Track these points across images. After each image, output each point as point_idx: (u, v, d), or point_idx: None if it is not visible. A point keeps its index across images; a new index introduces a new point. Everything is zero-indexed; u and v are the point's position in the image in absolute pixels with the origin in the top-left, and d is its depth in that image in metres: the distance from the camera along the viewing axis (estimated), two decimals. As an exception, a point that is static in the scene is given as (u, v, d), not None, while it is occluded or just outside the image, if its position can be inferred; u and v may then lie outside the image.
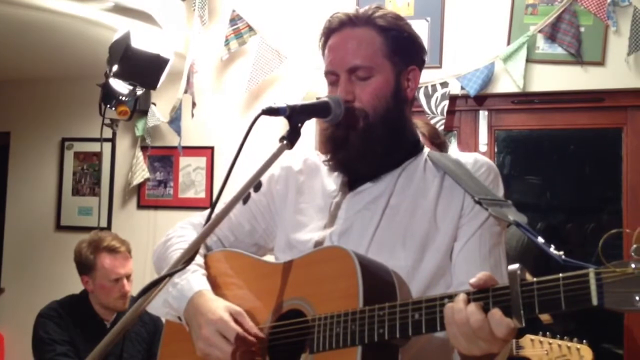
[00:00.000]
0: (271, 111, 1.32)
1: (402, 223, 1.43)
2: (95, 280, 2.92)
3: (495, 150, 3.85)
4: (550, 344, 2.62)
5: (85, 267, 2.94)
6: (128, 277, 2.96)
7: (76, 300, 3.01)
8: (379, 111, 1.45)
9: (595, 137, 4.08)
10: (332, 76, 1.49)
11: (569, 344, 2.58)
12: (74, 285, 3.32)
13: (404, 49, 1.49)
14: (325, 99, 1.43)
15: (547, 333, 2.64)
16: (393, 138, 1.48)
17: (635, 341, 3.50)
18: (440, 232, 1.41)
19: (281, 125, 3.46)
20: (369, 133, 1.45)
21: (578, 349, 2.56)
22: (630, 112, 3.60)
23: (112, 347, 1.07)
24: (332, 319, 1.24)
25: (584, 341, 2.58)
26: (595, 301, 0.96)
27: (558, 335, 2.66)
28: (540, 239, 1.18)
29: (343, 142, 1.46)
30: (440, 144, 2.40)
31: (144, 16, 3.58)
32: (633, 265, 0.94)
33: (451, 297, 1.13)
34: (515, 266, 1.05)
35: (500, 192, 1.46)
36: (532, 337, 2.73)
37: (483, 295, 1.09)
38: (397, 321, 1.16)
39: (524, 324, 1.03)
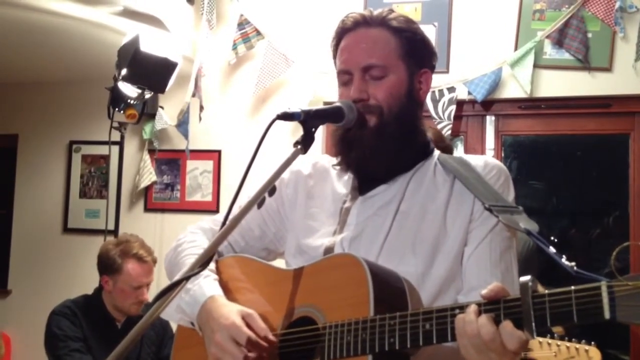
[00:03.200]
0: (286, 116, 1.32)
1: (412, 229, 1.42)
2: (116, 283, 2.95)
3: (502, 155, 3.85)
4: (558, 345, 2.61)
5: (109, 268, 2.96)
6: (148, 285, 3.00)
7: (89, 300, 3.04)
8: (394, 109, 1.45)
9: (602, 142, 4.07)
10: (345, 75, 1.49)
11: (577, 345, 2.58)
12: (81, 287, 3.34)
13: (417, 51, 1.50)
14: (339, 104, 1.43)
15: (555, 335, 2.64)
16: (406, 138, 1.47)
17: (642, 347, 3.50)
18: (450, 237, 1.41)
19: (286, 129, 3.48)
20: (383, 130, 1.44)
21: (587, 351, 2.55)
22: (637, 118, 3.60)
23: (128, 351, 1.07)
24: (342, 327, 1.24)
25: (592, 342, 2.57)
26: (607, 315, 0.96)
27: (566, 337, 2.65)
28: (552, 249, 1.17)
29: (356, 141, 1.45)
30: (444, 148, 2.38)
31: (152, 20, 3.60)
32: (645, 279, 0.93)
33: (462, 307, 1.12)
34: (526, 278, 1.04)
35: (510, 196, 1.45)
36: (540, 339, 2.72)
37: (494, 306, 1.09)
38: (408, 331, 1.16)
39: (535, 337, 1.03)
